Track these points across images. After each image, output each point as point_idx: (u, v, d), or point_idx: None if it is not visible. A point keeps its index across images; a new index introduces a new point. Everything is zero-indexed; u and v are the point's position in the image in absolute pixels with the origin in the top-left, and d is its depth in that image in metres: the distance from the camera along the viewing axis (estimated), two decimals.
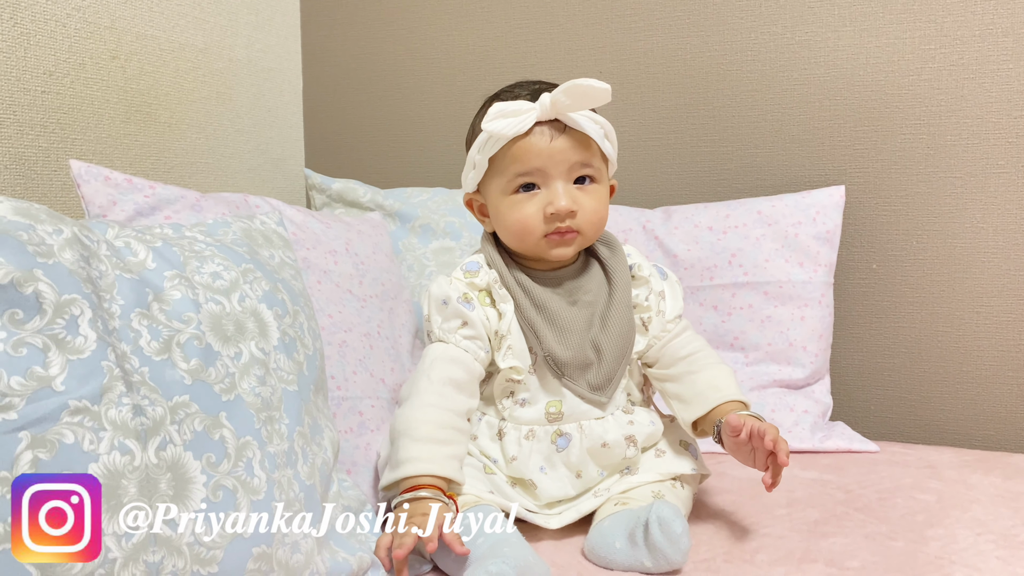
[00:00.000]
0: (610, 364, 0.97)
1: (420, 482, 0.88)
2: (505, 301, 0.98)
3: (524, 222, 0.97)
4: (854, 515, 1.00)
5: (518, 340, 0.98)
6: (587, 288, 1.01)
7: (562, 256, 0.99)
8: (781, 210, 1.35)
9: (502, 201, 0.98)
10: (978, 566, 0.85)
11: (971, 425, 1.36)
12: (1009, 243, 1.32)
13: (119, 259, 0.73)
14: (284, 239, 0.96)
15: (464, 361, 0.96)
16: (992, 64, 1.31)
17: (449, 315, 0.97)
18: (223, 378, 0.72)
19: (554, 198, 0.95)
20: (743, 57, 1.44)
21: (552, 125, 0.95)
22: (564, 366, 0.96)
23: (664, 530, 0.83)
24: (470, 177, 1.01)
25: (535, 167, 0.95)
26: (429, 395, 0.93)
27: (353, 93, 1.70)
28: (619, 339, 0.98)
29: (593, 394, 0.97)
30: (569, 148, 0.95)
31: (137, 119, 1.31)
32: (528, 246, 0.98)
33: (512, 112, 0.93)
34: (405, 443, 0.90)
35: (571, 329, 0.97)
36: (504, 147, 0.96)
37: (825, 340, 1.34)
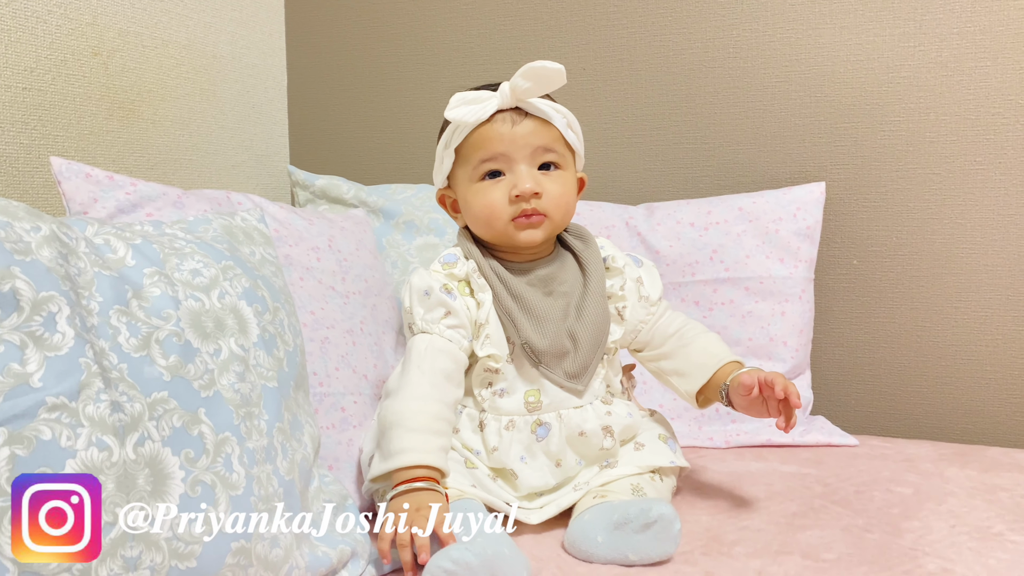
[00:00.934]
0: (586, 353, 0.99)
1: (415, 474, 0.88)
2: (483, 290, 1.00)
3: (491, 206, 0.99)
4: (831, 508, 1.02)
5: (496, 329, 1.00)
6: (562, 279, 1.03)
7: (531, 240, 1.00)
8: (762, 206, 1.36)
9: (469, 189, 1.01)
10: (951, 557, 0.87)
11: (949, 419, 1.38)
12: (987, 239, 1.33)
13: (98, 256, 0.73)
14: (265, 236, 0.96)
15: (451, 351, 0.98)
16: (970, 62, 1.32)
17: (432, 305, 0.99)
18: (202, 374, 0.73)
19: (518, 180, 0.98)
20: (725, 55, 1.45)
21: (514, 112, 0.99)
22: (541, 354, 0.98)
23: (665, 528, 0.85)
24: (440, 171, 1.05)
25: (498, 152, 0.98)
26: (422, 386, 0.94)
27: (338, 90, 1.70)
28: (594, 328, 1.00)
29: (570, 382, 0.99)
30: (531, 133, 0.99)
31: (120, 116, 1.31)
32: (497, 231, 1.00)
33: (473, 100, 0.97)
34: (399, 433, 0.90)
35: (547, 318, 0.99)
36: (468, 136, 0.99)
37: (806, 335, 1.35)
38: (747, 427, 1.29)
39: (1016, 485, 1.08)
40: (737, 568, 0.85)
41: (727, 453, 1.25)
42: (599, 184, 1.48)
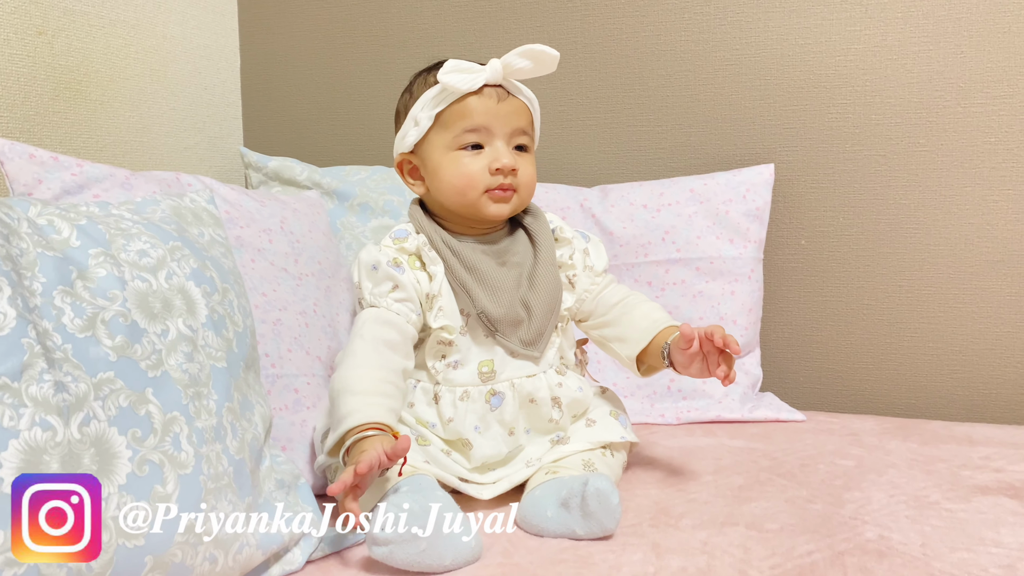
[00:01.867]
0: (540, 320, 1.01)
1: (364, 433, 0.88)
2: (435, 263, 1.01)
3: (469, 176, 1.00)
4: (777, 481, 1.04)
5: (449, 301, 1.01)
6: (514, 251, 1.05)
7: (499, 214, 1.02)
8: (713, 188, 1.38)
9: (445, 156, 1.02)
10: (888, 525, 0.90)
11: (893, 394, 1.42)
12: (929, 219, 1.37)
13: (41, 237, 0.72)
14: (215, 217, 0.96)
15: (396, 323, 0.99)
16: (913, 46, 1.35)
17: (379, 279, 1.00)
18: (149, 355, 0.72)
19: (499, 155, 1.00)
20: (677, 38, 1.46)
21: (499, 89, 1.01)
22: (497, 323, 1.00)
23: (602, 502, 0.86)
24: (410, 135, 1.04)
25: (482, 124, 1.00)
26: (364, 354, 0.96)
27: (292, 71, 1.68)
28: (547, 296, 1.02)
29: (525, 349, 1.01)
30: (513, 113, 1.01)
31: (66, 96, 1.28)
32: (468, 201, 1.01)
33: (466, 69, 0.99)
34: (345, 399, 0.91)
35: (502, 287, 1.00)
36: (453, 104, 1.00)
37: (755, 314, 1.38)
38: (697, 403, 1.32)
39: (953, 456, 1.12)
40: (683, 539, 0.87)
41: (678, 429, 1.28)
42: (554, 166, 1.49)
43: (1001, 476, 1.04)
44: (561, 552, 0.85)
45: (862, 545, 0.85)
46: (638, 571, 0.80)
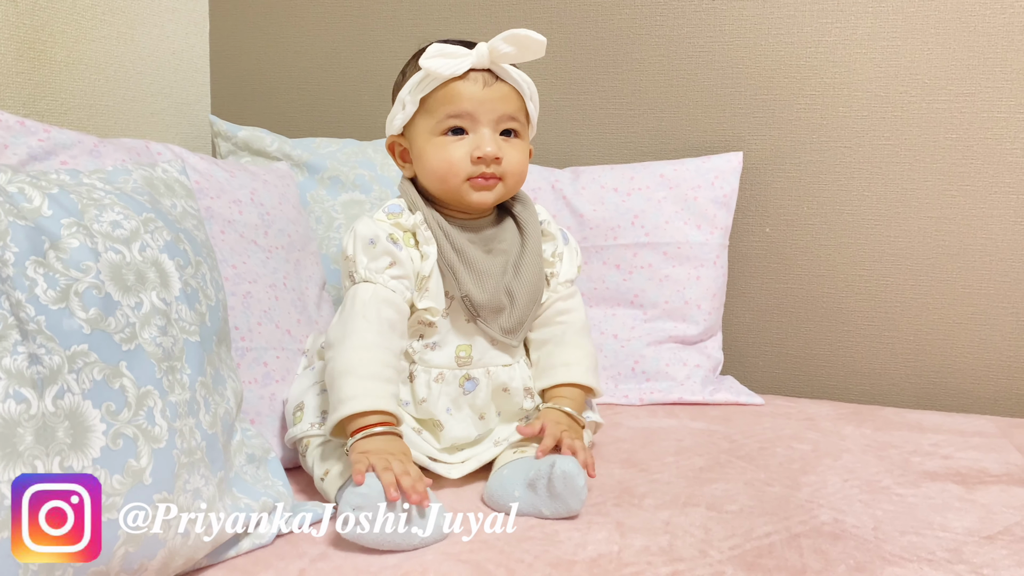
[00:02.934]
0: (521, 309, 1.02)
1: (370, 420, 0.88)
2: (429, 243, 1.00)
3: (450, 163, 0.99)
4: (736, 463, 1.07)
5: (435, 283, 1.00)
6: (501, 238, 1.05)
7: (483, 202, 1.01)
8: (682, 174, 1.40)
9: (428, 142, 1.00)
10: (843, 509, 0.93)
11: (848, 380, 1.46)
12: (890, 211, 1.41)
13: (12, 205, 0.71)
14: (187, 188, 0.95)
15: (394, 301, 0.97)
16: (882, 40, 1.38)
17: (377, 254, 0.98)
18: (123, 328, 0.72)
19: (481, 142, 0.99)
20: (651, 22, 1.47)
21: (486, 73, 0.99)
22: (480, 308, 1.00)
23: (568, 484, 0.87)
24: (398, 118, 1.02)
25: (466, 110, 0.98)
26: (369, 334, 0.93)
27: (263, 38, 1.66)
28: (530, 286, 1.03)
29: (505, 337, 1.01)
30: (500, 98, 0.99)
31: (30, 56, 1.25)
32: (450, 188, 1.00)
33: (450, 53, 0.96)
34: (350, 381, 0.89)
35: (487, 274, 1.00)
36: (437, 89, 0.98)
37: (718, 299, 1.40)
38: (660, 385, 1.35)
39: (905, 443, 1.16)
40: (646, 518, 0.90)
41: (641, 410, 1.30)
42: None
43: (949, 463, 1.08)
44: (528, 530, 0.87)
45: (817, 528, 0.88)
46: (603, 549, 0.82)
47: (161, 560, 0.70)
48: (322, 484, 0.92)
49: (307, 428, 0.96)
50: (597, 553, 0.82)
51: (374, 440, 0.87)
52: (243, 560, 0.79)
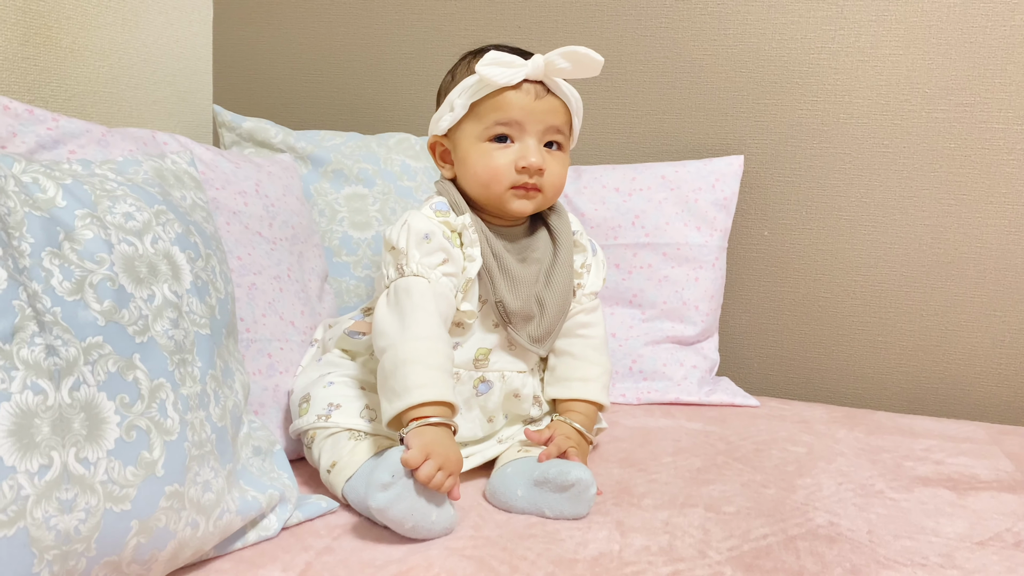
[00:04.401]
0: (551, 319, 1.03)
1: (431, 411, 0.87)
2: (473, 245, 1.00)
3: (495, 170, 1.00)
4: (733, 464, 1.09)
5: (473, 286, 1.01)
6: (535, 247, 1.06)
7: (522, 210, 1.02)
8: (684, 176, 1.41)
9: (474, 147, 1.01)
10: (837, 512, 0.95)
11: (841, 383, 1.48)
12: (887, 218, 1.42)
13: (27, 195, 0.71)
14: (196, 180, 0.95)
15: (448, 298, 0.97)
16: (884, 48, 1.39)
17: (431, 250, 0.97)
18: (136, 320, 0.72)
19: (527, 152, 1.00)
20: (656, 24, 1.48)
21: (538, 85, 1.00)
22: (512, 315, 1.01)
23: (581, 491, 0.89)
24: (444, 120, 1.03)
25: (514, 119, 0.99)
26: (431, 326, 0.93)
27: (265, 28, 1.65)
28: (560, 296, 1.04)
29: (533, 345, 1.03)
30: (549, 111, 1.00)
31: (36, 42, 1.25)
32: (492, 194, 1.01)
33: (507, 63, 0.97)
34: (417, 369, 0.89)
35: (522, 281, 1.01)
36: (488, 95, 0.99)
37: (716, 301, 1.42)
38: (657, 385, 1.36)
39: (897, 447, 1.18)
40: (646, 518, 0.91)
41: (637, 409, 1.32)
42: None
43: (940, 468, 1.10)
44: (529, 528, 0.88)
45: (813, 530, 0.90)
46: (604, 548, 0.84)
47: (171, 551, 0.71)
48: (328, 476, 0.93)
49: (313, 420, 0.97)
50: (598, 552, 0.83)
51: (431, 431, 0.86)
52: (249, 552, 0.80)
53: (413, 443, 0.84)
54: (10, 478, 0.59)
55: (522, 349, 1.04)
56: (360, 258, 1.34)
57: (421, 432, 0.85)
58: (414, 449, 0.82)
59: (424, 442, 0.84)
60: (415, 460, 0.81)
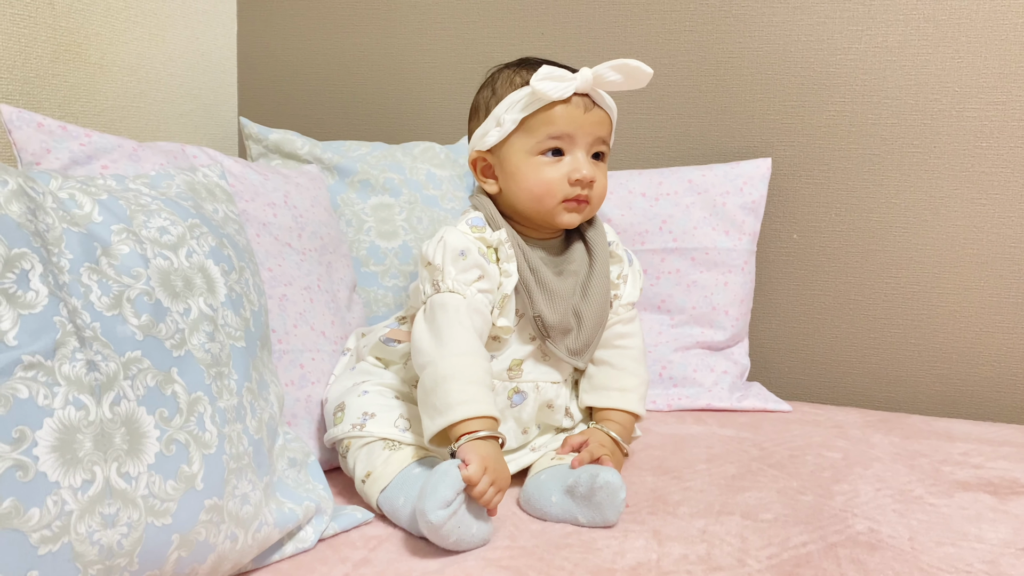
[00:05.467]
0: (589, 331, 1.03)
1: (476, 425, 0.88)
2: (510, 261, 1.00)
3: (549, 184, 1.00)
4: (768, 471, 1.08)
5: (510, 301, 1.01)
6: (571, 259, 1.06)
7: (571, 223, 1.03)
8: (711, 179, 1.40)
9: (526, 161, 1.01)
10: (876, 518, 0.93)
11: (874, 387, 1.46)
12: (918, 220, 1.41)
13: (65, 212, 0.72)
14: (227, 193, 0.96)
15: (484, 313, 0.97)
16: (913, 48, 1.38)
17: (467, 267, 0.97)
18: (173, 334, 0.73)
19: (579, 165, 1.00)
20: (680, 27, 1.47)
21: (585, 98, 1.00)
22: (551, 329, 1.00)
23: (610, 496, 0.88)
24: (491, 135, 1.02)
25: (566, 132, 1.00)
26: (469, 341, 0.93)
27: (289, 40, 1.66)
28: (598, 308, 1.03)
29: (571, 358, 1.02)
30: (597, 123, 1.01)
31: (66, 59, 1.26)
32: (544, 208, 1.01)
33: (559, 77, 0.97)
34: (457, 386, 0.89)
35: (559, 294, 1.01)
36: (540, 109, 0.99)
37: (746, 305, 1.41)
38: (687, 391, 1.35)
39: (934, 451, 1.16)
40: (682, 527, 0.90)
41: (668, 416, 1.31)
42: None
43: (980, 472, 1.09)
44: (565, 537, 0.88)
45: (853, 537, 0.89)
46: (641, 558, 0.83)
47: (211, 565, 0.71)
48: (362, 487, 0.93)
49: (348, 430, 0.97)
50: (636, 561, 0.82)
51: (485, 445, 0.86)
52: (287, 564, 0.80)
53: (471, 457, 0.84)
54: (54, 493, 0.60)
55: (555, 359, 1.04)
56: (388, 267, 1.34)
57: (476, 446, 0.86)
58: (474, 464, 0.83)
59: (481, 456, 0.84)
60: (476, 475, 0.82)
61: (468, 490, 0.83)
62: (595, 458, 0.95)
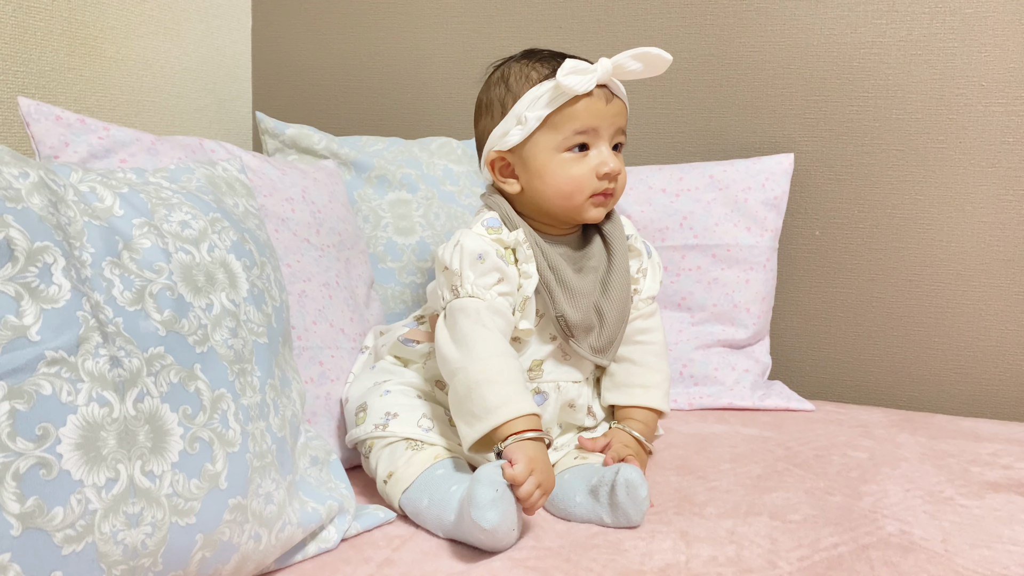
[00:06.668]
0: (612, 328, 1.01)
1: (521, 425, 0.86)
2: (528, 261, 0.98)
3: (578, 180, 0.98)
4: (794, 470, 1.06)
5: (529, 302, 0.99)
6: (590, 255, 1.03)
7: (598, 217, 1.01)
8: (732, 175, 1.39)
9: (552, 158, 0.98)
10: (908, 520, 0.91)
11: (898, 386, 1.44)
12: (943, 216, 1.38)
13: (86, 205, 0.71)
14: (247, 187, 0.94)
15: (506, 315, 0.95)
16: (938, 41, 1.35)
17: (485, 270, 0.95)
18: (196, 330, 0.71)
19: (606, 159, 0.98)
20: (700, 22, 1.45)
21: (605, 90, 0.98)
22: (574, 328, 0.98)
23: (631, 494, 0.87)
24: (513, 134, 0.99)
25: (592, 126, 0.98)
26: (498, 343, 0.92)
27: (303, 34, 1.65)
28: (619, 304, 1.01)
29: (595, 357, 1.00)
30: (618, 114, 1.00)
31: (82, 53, 1.25)
32: (573, 205, 0.99)
33: (582, 70, 0.95)
34: (494, 388, 0.87)
35: (580, 292, 0.99)
36: (564, 104, 0.97)
37: (767, 303, 1.39)
38: (709, 390, 1.33)
39: (962, 452, 1.14)
40: (710, 528, 0.88)
41: (690, 415, 1.29)
42: None
43: (1010, 473, 1.07)
44: (591, 538, 0.86)
45: (885, 539, 0.87)
46: (670, 559, 0.81)
47: (234, 565, 0.70)
48: (384, 487, 0.92)
49: (371, 430, 0.95)
50: (664, 563, 0.81)
51: (532, 446, 0.85)
52: (310, 565, 0.79)
53: (517, 457, 0.82)
54: (78, 492, 0.58)
55: (576, 358, 1.02)
56: (405, 264, 1.33)
57: (523, 447, 0.84)
58: (520, 464, 0.81)
59: (529, 457, 0.83)
60: (522, 476, 0.81)
61: (513, 490, 0.81)
62: (620, 459, 0.94)
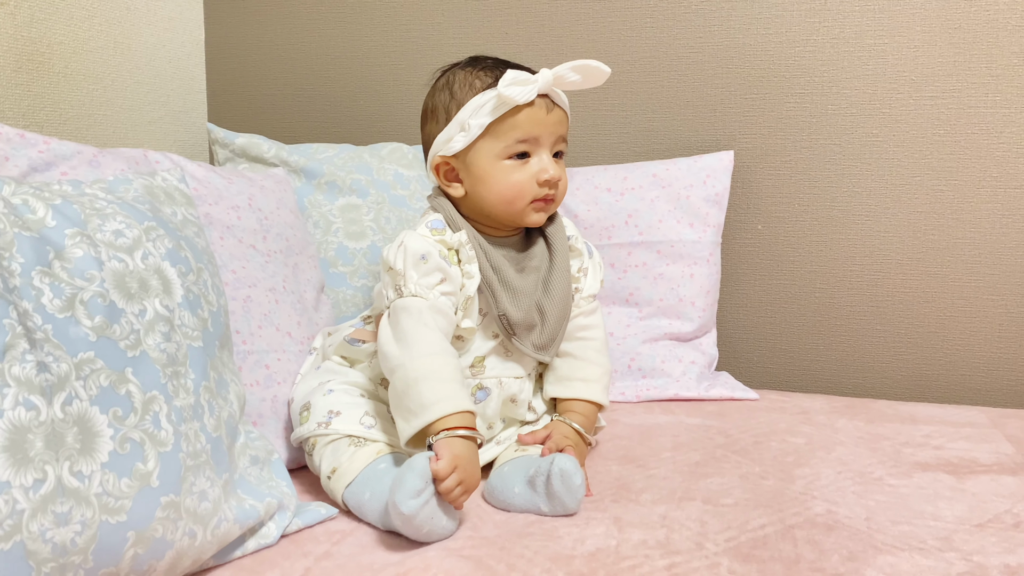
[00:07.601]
0: (553, 326, 1.04)
1: (454, 422, 0.89)
2: (471, 262, 1.01)
3: (519, 187, 1.01)
4: (732, 457, 1.09)
5: (472, 301, 1.02)
6: (532, 255, 1.07)
7: (539, 221, 1.05)
8: (674, 173, 1.42)
9: (494, 165, 1.01)
10: (836, 500, 0.95)
11: (841, 374, 1.48)
12: (880, 207, 1.43)
13: (17, 217, 0.73)
14: (187, 196, 0.96)
15: (448, 315, 0.98)
16: (869, 38, 1.40)
17: (428, 270, 0.98)
18: (128, 335, 0.74)
19: (546, 166, 1.01)
20: (641, 23, 1.49)
21: (546, 99, 1.01)
22: (516, 326, 1.01)
23: (565, 482, 0.89)
24: (456, 140, 1.02)
25: (533, 135, 1.01)
26: (435, 342, 0.94)
27: (257, 45, 1.67)
28: (560, 303, 1.04)
29: (537, 353, 1.04)
30: (559, 122, 1.03)
31: (29, 68, 1.27)
32: (514, 210, 1.02)
33: (523, 80, 0.98)
34: (430, 385, 0.90)
35: (522, 292, 1.02)
36: (506, 113, 0.99)
37: (712, 296, 1.42)
38: (656, 382, 1.36)
39: (897, 434, 1.18)
40: (643, 513, 0.91)
41: (637, 407, 1.32)
42: None
43: (940, 453, 1.10)
44: (527, 526, 0.89)
45: (811, 519, 0.90)
46: (601, 544, 0.84)
47: (169, 561, 0.72)
48: (328, 483, 0.94)
49: (314, 428, 0.98)
50: (595, 547, 0.83)
51: (460, 443, 0.88)
52: (249, 560, 0.81)
53: (443, 453, 0.85)
54: (5, 493, 0.60)
55: (518, 355, 1.05)
56: (356, 268, 1.36)
57: (451, 443, 0.87)
58: (444, 460, 0.84)
59: (454, 454, 0.85)
60: (444, 472, 0.84)
61: (435, 484, 0.84)
62: (559, 449, 0.96)
